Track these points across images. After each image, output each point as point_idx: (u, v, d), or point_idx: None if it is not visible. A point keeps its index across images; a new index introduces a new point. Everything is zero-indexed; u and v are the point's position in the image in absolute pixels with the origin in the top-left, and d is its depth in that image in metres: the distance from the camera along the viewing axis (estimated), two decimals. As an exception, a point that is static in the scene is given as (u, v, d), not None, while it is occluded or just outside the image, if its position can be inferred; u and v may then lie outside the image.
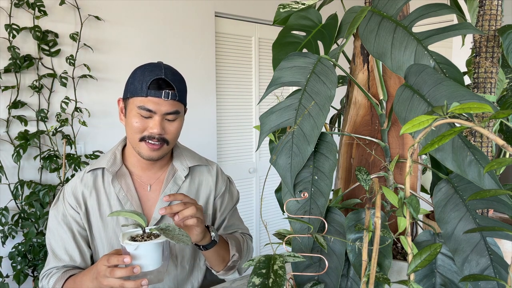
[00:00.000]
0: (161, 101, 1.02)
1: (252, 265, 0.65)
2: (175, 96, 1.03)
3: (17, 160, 2.04)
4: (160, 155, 1.08)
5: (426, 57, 0.68)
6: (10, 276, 2.10)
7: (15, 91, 2.13)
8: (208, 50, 2.83)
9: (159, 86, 1.02)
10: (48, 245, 1.14)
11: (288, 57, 0.79)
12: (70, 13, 2.28)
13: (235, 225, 1.27)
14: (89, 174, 1.13)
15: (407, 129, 0.53)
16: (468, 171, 0.58)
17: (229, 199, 1.26)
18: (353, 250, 0.71)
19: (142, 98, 1.02)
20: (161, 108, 1.02)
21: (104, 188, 1.12)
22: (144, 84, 1.02)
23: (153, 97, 1.01)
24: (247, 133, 3.19)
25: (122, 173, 1.13)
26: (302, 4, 1.05)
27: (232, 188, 1.29)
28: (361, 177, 0.79)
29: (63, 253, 1.11)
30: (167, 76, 1.03)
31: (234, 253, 1.13)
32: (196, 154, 1.24)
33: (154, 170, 1.16)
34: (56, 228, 1.12)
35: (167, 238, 0.78)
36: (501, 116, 0.47)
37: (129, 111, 1.06)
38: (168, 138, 1.07)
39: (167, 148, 1.09)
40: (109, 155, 1.15)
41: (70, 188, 1.13)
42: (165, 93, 1.01)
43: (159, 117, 1.03)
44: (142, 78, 1.03)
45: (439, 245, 0.55)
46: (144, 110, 1.02)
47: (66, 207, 1.12)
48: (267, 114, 0.77)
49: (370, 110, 0.90)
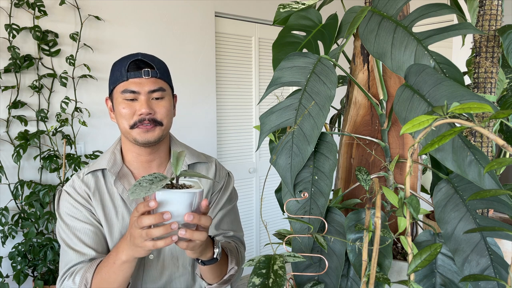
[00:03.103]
0: (142, 80, 1.01)
1: (252, 265, 0.65)
2: (156, 74, 1.02)
3: (17, 160, 2.04)
4: (156, 136, 1.04)
5: (426, 57, 0.68)
6: (10, 276, 2.10)
7: (15, 91, 2.13)
8: (208, 50, 2.83)
9: (137, 66, 1.01)
10: (65, 245, 1.05)
11: (288, 57, 0.79)
12: (70, 13, 2.28)
13: (226, 225, 1.17)
14: (89, 176, 1.09)
15: (407, 129, 0.53)
16: (468, 171, 0.58)
17: (225, 196, 1.19)
18: (353, 250, 0.71)
19: (123, 83, 1.01)
20: (144, 88, 1.00)
21: (107, 189, 1.08)
22: (123, 69, 1.01)
23: (133, 78, 1.00)
24: (247, 133, 3.19)
25: (124, 173, 1.09)
26: (302, 4, 1.05)
27: (229, 185, 1.22)
28: (361, 177, 0.79)
29: (83, 246, 1.03)
30: (144, 57, 1.02)
31: (233, 266, 1.07)
32: (194, 151, 1.21)
33: (153, 168, 1.12)
34: (70, 225, 1.05)
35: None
36: (501, 116, 0.46)
37: (115, 102, 1.03)
38: (159, 118, 1.03)
39: (162, 130, 1.05)
40: (108, 155, 1.11)
41: (72, 188, 1.08)
42: (145, 72, 1.00)
43: (144, 96, 1.01)
44: (120, 65, 1.02)
45: (439, 245, 0.55)
46: (128, 92, 1.00)
47: (74, 204, 1.06)
48: (267, 114, 0.77)
49: (370, 110, 0.90)
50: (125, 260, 0.89)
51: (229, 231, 1.18)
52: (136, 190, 0.69)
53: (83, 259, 1.02)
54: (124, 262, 0.90)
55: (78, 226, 1.04)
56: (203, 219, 0.79)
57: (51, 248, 2.06)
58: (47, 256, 2.05)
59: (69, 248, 1.03)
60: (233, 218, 1.21)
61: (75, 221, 1.05)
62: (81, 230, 1.04)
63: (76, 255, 1.02)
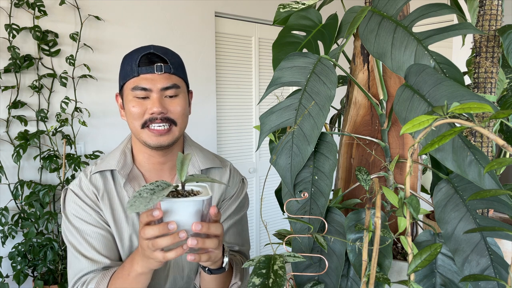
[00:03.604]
0: (154, 76, 0.92)
1: (252, 265, 0.65)
2: (169, 69, 0.93)
3: (17, 160, 2.04)
4: (170, 139, 0.95)
5: (426, 57, 0.68)
6: (10, 276, 2.10)
7: (15, 91, 2.13)
8: (208, 50, 2.83)
9: (149, 61, 0.92)
10: (74, 251, 0.97)
11: (288, 57, 0.79)
12: (70, 13, 2.28)
13: (232, 237, 1.08)
14: (97, 176, 1.00)
15: (407, 129, 0.53)
16: (468, 171, 0.58)
17: (234, 205, 1.10)
18: (353, 250, 0.71)
19: (134, 79, 0.92)
20: (157, 84, 0.92)
21: (117, 191, 1.00)
22: (133, 63, 0.92)
23: (145, 73, 0.92)
24: (247, 133, 3.19)
25: (134, 175, 1.01)
26: (302, 4, 1.05)
27: (242, 193, 1.13)
28: (361, 177, 0.79)
29: (95, 254, 0.96)
30: (156, 50, 0.94)
31: (236, 281, 0.99)
32: (209, 154, 1.11)
33: (165, 171, 1.04)
34: (79, 228, 0.98)
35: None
36: (501, 116, 0.46)
37: (125, 99, 0.95)
38: (173, 117, 0.94)
39: (177, 131, 0.96)
40: (117, 155, 1.01)
41: (79, 189, 1.00)
42: (157, 67, 0.92)
43: (156, 94, 0.92)
44: (131, 59, 0.94)
45: (439, 245, 0.55)
46: (139, 89, 0.92)
47: (82, 206, 0.99)
48: (267, 114, 0.77)
49: (370, 110, 0.90)
50: (141, 272, 0.84)
51: (235, 245, 1.08)
52: (136, 203, 0.62)
53: (96, 268, 0.95)
54: (140, 274, 0.85)
55: (87, 230, 0.98)
56: (213, 227, 0.73)
57: (51, 248, 2.06)
58: (47, 256, 2.05)
59: (80, 254, 0.96)
60: (240, 229, 1.11)
61: (84, 224, 0.98)
62: (91, 234, 0.98)
63: (88, 263, 0.95)
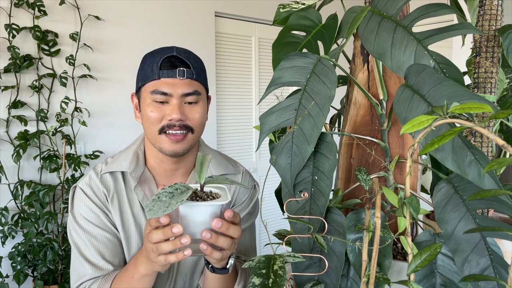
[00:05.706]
0: (176, 81, 0.89)
1: (252, 265, 0.65)
2: (191, 74, 0.90)
3: (17, 160, 2.04)
4: (185, 147, 0.93)
5: (426, 57, 0.68)
6: (10, 276, 2.10)
7: (15, 91, 2.13)
8: (208, 50, 2.83)
9: (172, 65, 0.89)
10: (79, 254, 0.95)
11: (288, 57, 0.79)
12: (70, 13, 2.28)
13: (239, 246, 1.06)
14: (107, 176, 0.98)
15: (407, 129, 0.53)
16: (468, 171, 0.58)
17: (244, 212, 1.08)
18: (353, 250, 0.71)
19: (154, 81, 0.89)
20: (177, 90, 0.89)
21: (127, 194, 0.98)
22: (154, 66, 0.89)
23: (166, 77, 0.88)
24: (247, 133, 3.19)
25: (145, 178, 0.99)
26: (302, 4, 1.05)
27: (252, 199, 1.11)
28: (361, 177, 0.79)
29: (100, 259, 0.94)
30: (179, 53, 0.91)
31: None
32: (222, 159, 1.08)
33: (177, 177, 1.02)
34: (86, 230, 0.96)
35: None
36: (501, 116, 0.46)
37: (143, 102, 0.92)
38: (191, 124, 0.92)
39: (192, 139, 0.94)
40: (130, 155, 0.99)
41: (89, 188, 0.97)
42: (180, 72, 0.89)
43: (176, 100, 0.89)
44: (152, 60, 0.91)
45: (439, 245, 0.55)
46: (158, 94, 0.89)
47: (91, 206, 0.96)
48: (267, 114, 0.77)
49: (370, 110, 0.90)
50: (145, 273, 0.84)
51: (241, 255, 1.06)
52: (154, 207, 0.59)
53: (100, 274, 0.94)
54: (144, 275, 0.84)
55: (94, 233, 0.96)
56: (232, 229, 0.72)
57: (51, 248, 2.06)
58: (47, 256, 2.05)
59: (84, 258, 0.94)
60: (248, 237, 1.10)
61: (91, 226, 0.96)
62: (97, 237, 0.95)
63: (92, 269, 0.94)
